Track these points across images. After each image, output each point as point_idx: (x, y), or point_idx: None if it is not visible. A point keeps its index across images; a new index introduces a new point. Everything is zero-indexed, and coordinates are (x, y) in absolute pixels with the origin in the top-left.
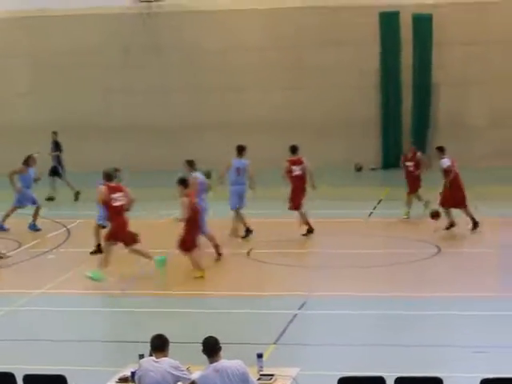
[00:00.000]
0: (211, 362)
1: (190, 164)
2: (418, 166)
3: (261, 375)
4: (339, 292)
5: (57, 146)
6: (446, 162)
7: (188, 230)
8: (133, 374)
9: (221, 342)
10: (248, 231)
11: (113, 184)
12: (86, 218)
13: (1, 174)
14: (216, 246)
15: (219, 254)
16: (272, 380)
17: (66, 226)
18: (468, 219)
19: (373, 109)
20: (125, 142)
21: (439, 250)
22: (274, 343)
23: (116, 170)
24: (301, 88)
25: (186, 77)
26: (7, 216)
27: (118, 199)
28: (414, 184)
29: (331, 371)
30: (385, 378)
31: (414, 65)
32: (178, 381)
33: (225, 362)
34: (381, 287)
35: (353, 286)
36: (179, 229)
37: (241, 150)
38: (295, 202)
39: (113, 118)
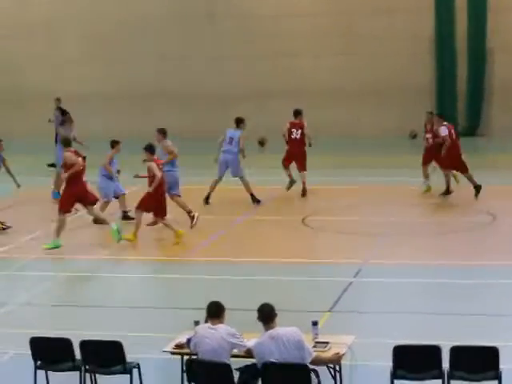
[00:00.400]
0: (266, 330)
1: (162, 132)
2: (436, 137)
3: (316, 343)
4: (395, 260)
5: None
6: (444, 131)
7: (153, 194)
8: (188, 340)
9: (276, 309)
10: (254, 200)
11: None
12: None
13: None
14: (189, 212)
15: (192, 218)
16: (327, 348)
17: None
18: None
19: (427, 76)
20: (180, 109)
21: (494, 217)
22: (329, 311)
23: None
24: (353, 54)
25: (239, 44)
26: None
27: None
28: (428, 155)
29: (386, 339)
30: (440, 346)
31: (468, 31)
32: (234, 348)
33: (280, 329)
34: (437, 255)
35: (408, 254)
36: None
37: (238, 122)
38: (285, 163)
39: (166, 87)
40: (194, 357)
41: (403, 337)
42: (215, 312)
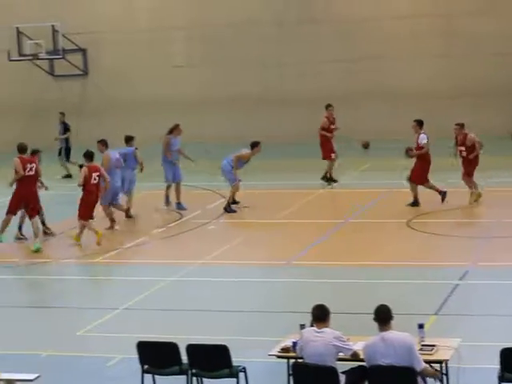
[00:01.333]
0: (381, 331)
1: (102, 143)
2: (471, 149)
3: (422, 346)
4: (501, 262)
5: (65, 128)
6: (424, 138)
7: (83, 199)
8: (294, 344)
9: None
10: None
11: None
12: (247, 189)
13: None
14: (112, 220)
15: (111, 227)
16: (433, 351)
17: (225, 197)
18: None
19: None
20: (279, 114)
21: None
22: (436, 313)
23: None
24: (452, 56)
25: (339, 47)
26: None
27: None
28: (468, 167)
29: (493, 342)
30: None
31: None
32: (340, 351)
33: (393, 333)
34: None
35: None
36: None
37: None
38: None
39: (267, 90)
40: (300, 360)
41: (510, 340)
42: (321, 315)
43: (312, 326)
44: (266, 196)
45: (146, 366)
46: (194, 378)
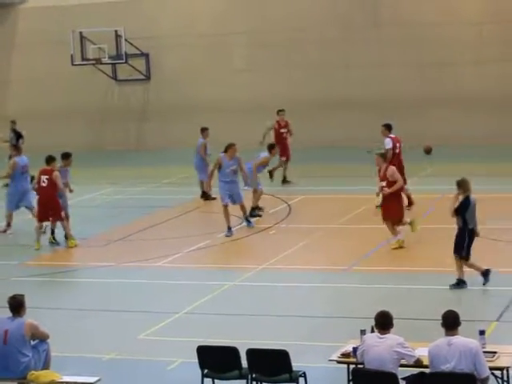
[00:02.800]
0: (447, 335)
1: (15, 149)
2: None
3: (483, 352)
4: None
5: (18, 136)
6: (388, 143)
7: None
8: (354, 349)
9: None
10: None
11: None
12: (308, 194)
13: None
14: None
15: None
16: (494, 357)
17: (287, 202)
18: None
19: None
20: (340, 117)
21: None
22: (497, 320)
23: None
24: None
25: (404, 51)
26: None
27: None
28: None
29: None
30: None
31: None
32: (402, 358)
33: (459, 339)
34: None
35: None
36: None
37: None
38: None
39: (331, 95)
40: (360, 366)
41: None
42: (383, 322)
43: (373, 331)
44: (328, 201)
45: (205, 371)
46: (254, 383)
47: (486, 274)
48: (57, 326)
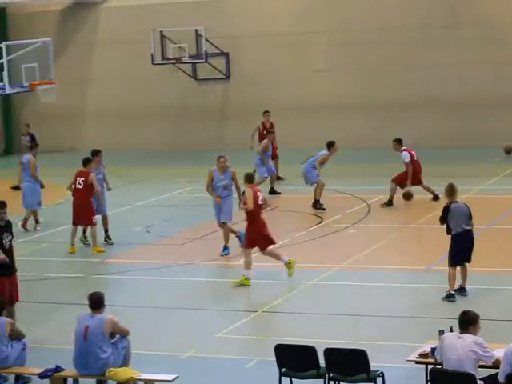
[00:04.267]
0: None
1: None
2: None
3: None
4: None
5: (32, 138)
6: (406, 157)
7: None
8: (433, 349)
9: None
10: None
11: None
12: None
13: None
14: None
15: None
16: None
17: (366, 202)
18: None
19: None
20: (420, 117)
21: None
22: None
23: None
24: None
25: (484, 51)
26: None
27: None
28: None
29: None
30: None
31: None
32: (480, 359)
33: None
34: None
35: None
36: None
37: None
38: None
39: (411, 95)
40: (439, 366)
41: None
42: (464, 322)
43: (451, 331)
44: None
45: (283, 369)
46: (332, 382)
47: None
48: (134, 324)
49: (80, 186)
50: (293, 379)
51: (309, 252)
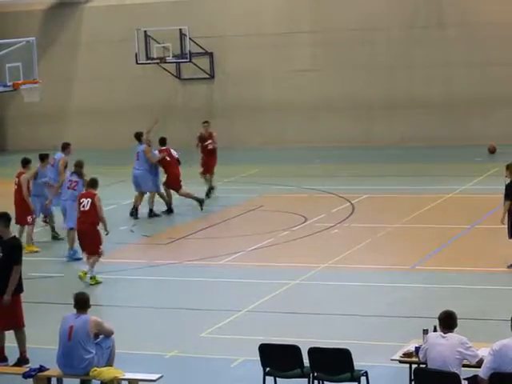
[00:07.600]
0: None
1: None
2: None
3: None
4: None
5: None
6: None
7: None
8: (417, 349)
9: None
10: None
11: None
12: (372, 193)
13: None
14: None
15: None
16: None
17: (350, 201)
18: None
19: None
20: (404, 117)
21: None
22: None
23: None
24: None
25: (467, 51)
26: None
27: None
28: None
29: None
30: None
31: None
32: (465, 358)
33: None
34: None
35: None
36: None
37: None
38: None
39: (394, 95)
40: (423, 365)
41: None
42: (447, 321)
43: (435, 330)
44: (392, 200)
45: (267, 369)
46: (316, 382)
47: None
48: (118, 323)
49: (16, 186)
50: (277, 379)
51: (293, 252)
